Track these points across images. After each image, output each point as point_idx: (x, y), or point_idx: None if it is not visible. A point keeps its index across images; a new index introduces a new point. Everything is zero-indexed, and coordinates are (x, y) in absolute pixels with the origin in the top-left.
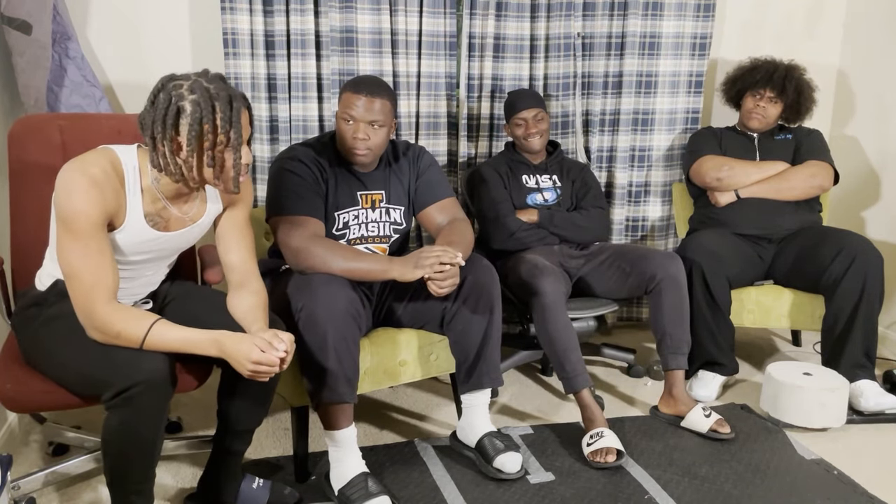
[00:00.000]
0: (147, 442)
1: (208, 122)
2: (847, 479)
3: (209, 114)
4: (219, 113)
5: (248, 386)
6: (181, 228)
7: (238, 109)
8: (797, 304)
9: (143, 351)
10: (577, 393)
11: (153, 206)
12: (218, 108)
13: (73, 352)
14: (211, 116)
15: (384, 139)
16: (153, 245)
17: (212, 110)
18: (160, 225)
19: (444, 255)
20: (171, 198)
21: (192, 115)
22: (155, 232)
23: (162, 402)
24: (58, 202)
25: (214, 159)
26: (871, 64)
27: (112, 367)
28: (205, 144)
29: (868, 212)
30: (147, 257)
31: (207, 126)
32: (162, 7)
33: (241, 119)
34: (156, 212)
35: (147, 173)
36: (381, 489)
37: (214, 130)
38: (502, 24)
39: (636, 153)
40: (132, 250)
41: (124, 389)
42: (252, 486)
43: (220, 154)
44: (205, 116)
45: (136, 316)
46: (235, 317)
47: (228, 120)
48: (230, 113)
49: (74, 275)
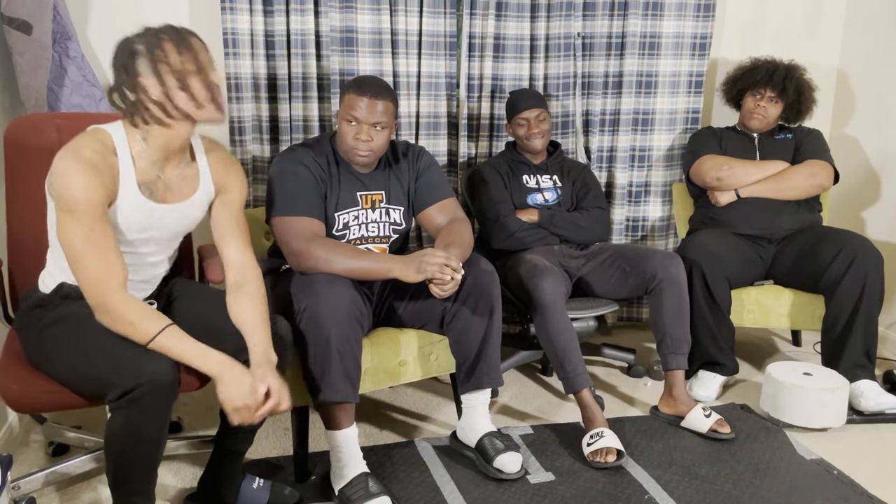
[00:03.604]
0: (150, 443)
1: (160, 50)
2: (847, 479)
3: (157, 42)
4: (167, 41)
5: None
6: (177, 202)
7: (185, 34)
8: (797, 304)
9: (149, 352)
10: (577, 393)
11: (146, 175)
12: (166, 38)
13: (79, 353)
14: (160, 44)
15: (386, 141)
16: (151, 219)
17: (160, 39)
18: (156, 195)
19: (447, 264)
20: (161, 161)
21: (145, 50)
22: (150, 203)
23: (166, 404)
24: (57, 190)
25: (182, 84)
26: (871, 64)
27: (117, 368)
28: (163, 70)
29: (868, 212)
30: (146, 235)
31: (160, 53)
32: (162, 7)
33: (193, 44)
34: (150, 181)
35: (135, 142)
36: (382, 489)
37: (167, 55)
38: (502, 24)
39: (636, 153)
40: (130, 225)
41: (129, 390)
42: (252, 486)
43: (183, 78)
44: (156, 46)
45: (152, 313)
46: (235, 323)
47: (179, 42)
48: (177, 37)
49: (79, 259)
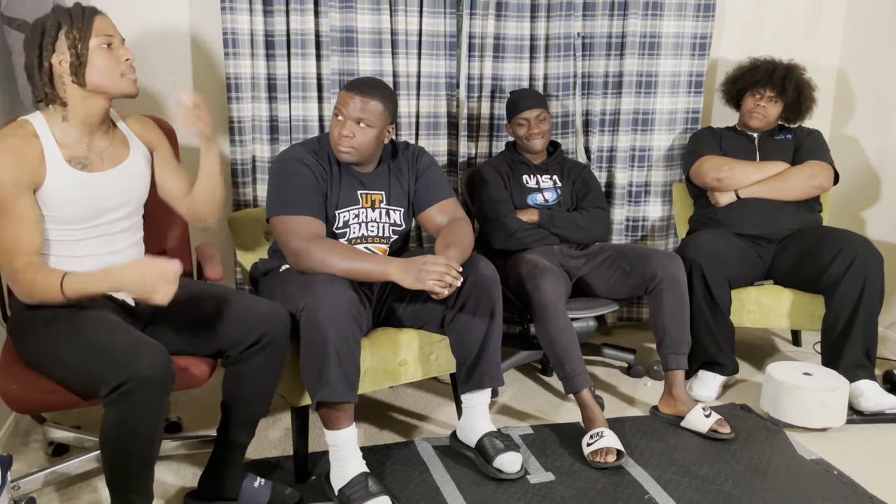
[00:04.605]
0: (145, 439)
1: (66, 24)
2: (847, 479)
3: (56, 22)
4: (71, 17)
5: (253, 376)
6: (114, 166)
7: (90, 10)
8: (797, 304)
9: (140, 346)
10: (578, 393)
11: (74, 151)
12: (69, 14)
13: (72, 350)
14: (59, 21)
15: (371, 140)
16: (88, 190)
17: (62, 16)
18: (90, 166)
19: (447, 273)
20: (86, 135)
21: (50, 27)
22: (82, 173)
23: (159, 399)
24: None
25: (82, 55)
26: (871, 64)
27: (108, 362)
28: (68, 44)
29: (868, 212)
30: (93, 205)
31: (65, 27)
32: (162, 7)
33: (96, 19)
34: (80, 155)
35: (55, 123)
36: (382, 489)
37: (70, 28)
38: (502, 24)
39: (636, 153)
40: (70, 198)
41: (119, 385)
42: (253, 486)
43: (85, 51)
44: (61, 20)
45: (53, 270)
46: (194, 200)
47: (80, 17)
48: (81, 12)
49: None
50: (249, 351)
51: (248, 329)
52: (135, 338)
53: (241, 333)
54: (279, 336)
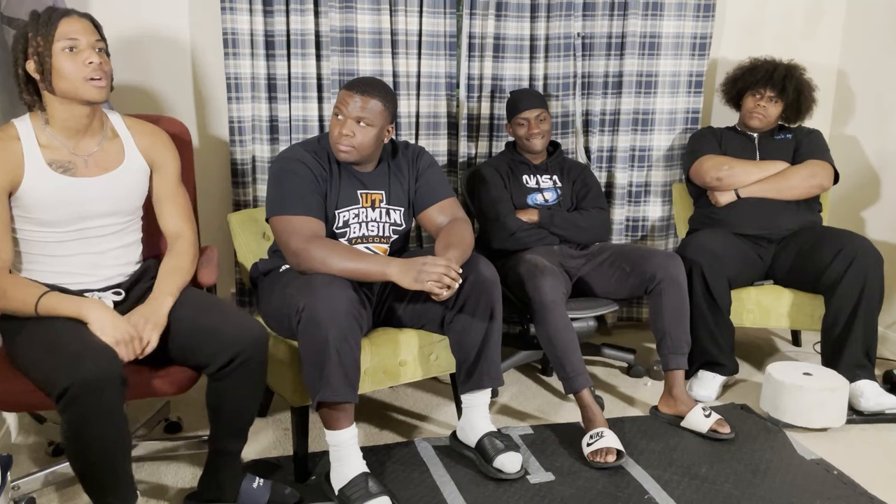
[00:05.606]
0: (104, 442)
1: (31, 30)
2: (847, 479)
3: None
4: (37, 23)
5: (233, 391)
6: (102, 174)
7: (57, 14)
8: (797, 304)
9: (86, 351)
10: (577, 393)
11: (57, 154)
12: (37, 20)
13: (35, 352)
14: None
15: (371, 140)
16: (69, 193)
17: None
18: (73, 171)
19: (446, 274)
20: (70, 139)
21: (22, 34)
22: (63, 177)
23: (109, 403)
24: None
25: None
26: (871, 64)
27: (55, 366)
28: (31, 51)
29: (868, 212)
30: (73, 210)
31: (31, 33)
32: (162, 7)
33: (60, 23)
34: (62, 159)
35: (39, 126)
36: (382, 489)
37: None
38: (502, 24)
39: (636, 153)
40: (47, 201)
41: (65, 389)
42: (252, 486)
43: (48, 57)
44: (29, 27)
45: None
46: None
47: (45, 23)
48: (47, 17)
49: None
50: (224, 370)
51: (219, 349)
52: (86, 342)
53: (214, 352)
54: (254, 355)
